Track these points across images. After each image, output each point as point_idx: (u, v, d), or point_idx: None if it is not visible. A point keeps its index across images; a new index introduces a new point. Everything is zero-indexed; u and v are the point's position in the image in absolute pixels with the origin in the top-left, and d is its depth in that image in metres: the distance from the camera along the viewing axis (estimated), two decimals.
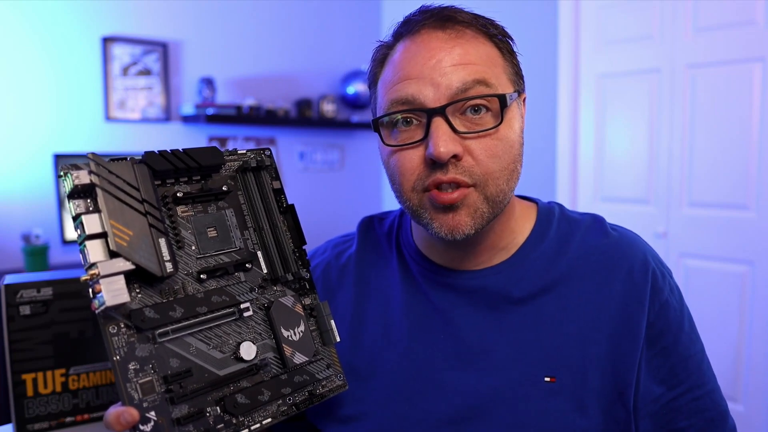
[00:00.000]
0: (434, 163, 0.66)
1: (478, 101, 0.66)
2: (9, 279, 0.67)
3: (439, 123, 0.65)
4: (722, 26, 2.37)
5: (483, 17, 0.72)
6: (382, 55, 0.73)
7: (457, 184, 0.66)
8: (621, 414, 0.69)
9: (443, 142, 0.64)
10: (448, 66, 0.66)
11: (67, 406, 0.69)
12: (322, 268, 0.85)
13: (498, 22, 0.72)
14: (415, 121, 0.68)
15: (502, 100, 0.67)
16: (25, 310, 0.67)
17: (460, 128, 0.66)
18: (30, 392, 0.67)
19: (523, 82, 0.74)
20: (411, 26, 0.70)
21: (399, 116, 0.68)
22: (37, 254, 2.50)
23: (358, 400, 0.74)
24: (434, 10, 0.71)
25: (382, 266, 0.82)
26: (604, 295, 0.71)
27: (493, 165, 0.66)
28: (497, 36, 0.71)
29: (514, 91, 0.70)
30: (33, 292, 0.67)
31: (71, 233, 2.63)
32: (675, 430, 0.71)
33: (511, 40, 0.73)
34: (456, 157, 0.65)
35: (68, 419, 0.69)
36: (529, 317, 0.72)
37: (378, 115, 0.71)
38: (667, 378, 0.71)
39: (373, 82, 0.75)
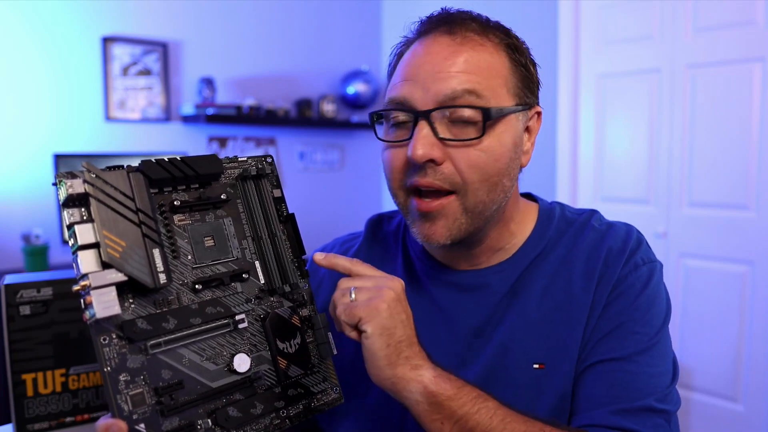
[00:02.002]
0: (414, 165, 0.67)
1: (463, 110, 0.66)
2: (9, 279, 0.67)
3: (422, 126, 0.67)
4: (722, 26, 2.37)
5: (497, 26, 0.72)
6: (400, 51, 0.75)
7: (436, 192, 0.68)
8: None
9: (421, 145, 0.65)
10: (442, 72, 0.67)
11: (67, 406, 0.68)
12: None
13: (513, 32, 0.73)
14: (405, 122, 0.70)
15: (486, 113, 0.66)
16: (25, 310, 0.67)
17: (445, 134, 0.67)
18: (30, 392, 0.67)
19: (535, 96, 0.74)
20: (424, 28, 0.72)
21: (391, 114, 0.70)
22: (37, 254, 2.50)
23: (361, 394, 0.76)
24: (446, 15, 0.71)
25: (388, 262, 0.84)
26: (588, 282, 0.73)
27: (473, 175, 0.67)
28: (509, 46, 0.70)
29: (516, 105, 0.70)
30: (33, 292, 0.67)
31: None
32: (593, 395, 0.68)
33: (527, 50, 0.73)
34: (434, 162, 0.67)
35: (68, 419, 0.69)
36: (521, 310, 0.74)
37: (376, 110, 0.74)
38: (601, 341, 0.69)
39: (389, 76, 0.77)
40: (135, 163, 0.59)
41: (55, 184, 0.55)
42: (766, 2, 2.25)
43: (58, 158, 2.58)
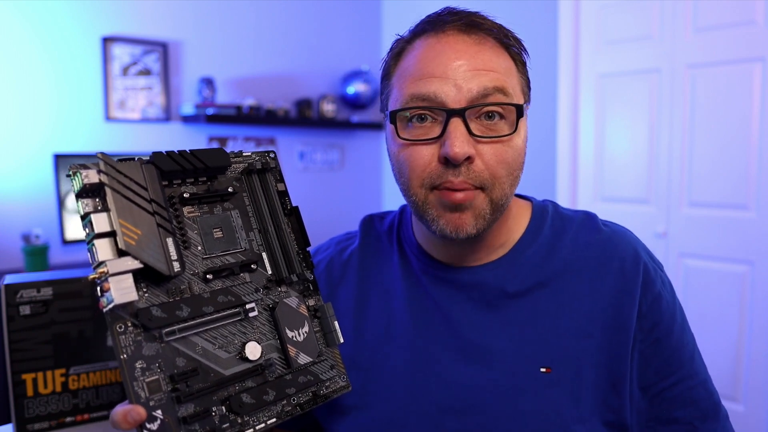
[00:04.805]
0: (447, 163, 0.67)
1: (495, 108, 0.68)
2: (9, 279, 0.67)
3: (457, 124, 0.67)
4: (722, 26, 2.37)
5: (504, 28, 0.73)
6: (400, 48, 0.75)
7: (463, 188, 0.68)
8: (615, 403, 0.71)
9: (460, 143, 0.66)
10: (471, 70, 0.68)
11: (67, 406, 0.69)
12: (325, 264, 0.87)
13: (516, 35, 0.74)
14: (430, 119, 0.69)
15: (519, 110, 0.69)
16: (25, 310, 0.67)
17: (476, 132, 0.68)
18: (30, 392, 0.67)
19: (530, 94, 0.77)
20: (437, 25, 0.72)
21: (418, 112, 0.69)
22: (37, 254, 2.50)
23: (360, 392, 0.76)
24: (462, 14, 0.72)
25: (384, 262, 0.84)
26: (596, 289, 0.74)
27: (502, 170, 0.69)
28: (513, 48, 0.73)
29: (524, 102, 0.73)
30: (33, 292, 0.67)
31: (71, 233, 2.63)
32: (670, 419, 0.73)
33: (527, 54, 0.75)
34: (469, 159, 0.67)
35: (68, 419, 0.69)
36: (525, 311, 0.74)
37: (394, 108, 0.72)
38: (660, 368, 0.73)
39: (387, 75, 0.76)
40: None
41: (69, 176, 0.55)
42: (766, 2, 2.25)
43: (58, 158, 2.58)
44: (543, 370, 0.71)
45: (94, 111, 2.76)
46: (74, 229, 2.63)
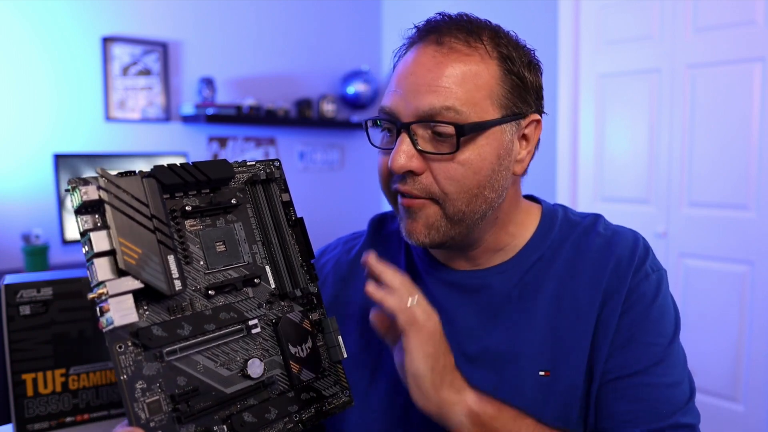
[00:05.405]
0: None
1: (438, 126, 0.67)
2: (9, 279, 0.67)
3: (403, 137, 0.68)
4: (722, 26, 2.37)
5: (490, 33, 0.70)
6: (400, 56, 0.75)
7: (411, 196, 0.70)
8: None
9: (399, 156, 0.67)
10: (424, 86, 0.67)
11: (67, 406, 0.69)
12: (332, 264, 0.88)
13: (508, 38, 0.71)
14: (393, 130, 0.72)
15: (460, 129, 0.66)
16: (25, 310, 0.67)
17: (425, 147, 0.68)
18: (30, 392, 0.67)
19: (531, 104, 0.72)
20: (417, 35, 0.73)
21: (377, 123, 0.73)
22: (37, 254, 2.50)
23: (363, 393, 0.77)
24: (436, 23, 0.71)
25: (391, 261, 0.83)
26: (595, 290, 0.73)
27: (450, 187, 0.68)
28: (500, 55, 0.69)
29: (504, 116, 0.69)
30: (33, 292, 0.67)
31: (71, 233, 2.62)
32: (616, 412, 0.70)
33: (525, 57, 0.71)
34: (413, 173, 0.68)
35: (68, 419, 0.69)
36: (527, 316, 0.74)
37: (368, 118, 0.76)
38: (617, 354, 0.71)
39: (388, 80, 0.78)
40: (136, 163, 0.59)
41: (68, 191, 0.54)
42: (766, 2, 2.25)
43: (58, 158, 2.58)
44: (542, 373, 0.72)
45: (94, 111, 2.76)
46: (74, 229, 2.63)
